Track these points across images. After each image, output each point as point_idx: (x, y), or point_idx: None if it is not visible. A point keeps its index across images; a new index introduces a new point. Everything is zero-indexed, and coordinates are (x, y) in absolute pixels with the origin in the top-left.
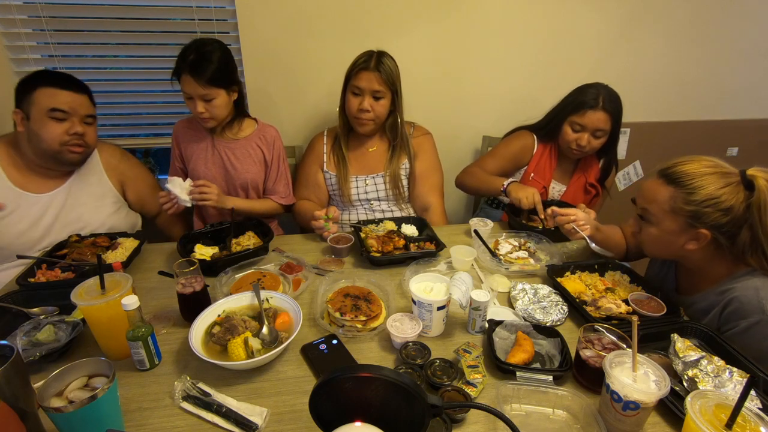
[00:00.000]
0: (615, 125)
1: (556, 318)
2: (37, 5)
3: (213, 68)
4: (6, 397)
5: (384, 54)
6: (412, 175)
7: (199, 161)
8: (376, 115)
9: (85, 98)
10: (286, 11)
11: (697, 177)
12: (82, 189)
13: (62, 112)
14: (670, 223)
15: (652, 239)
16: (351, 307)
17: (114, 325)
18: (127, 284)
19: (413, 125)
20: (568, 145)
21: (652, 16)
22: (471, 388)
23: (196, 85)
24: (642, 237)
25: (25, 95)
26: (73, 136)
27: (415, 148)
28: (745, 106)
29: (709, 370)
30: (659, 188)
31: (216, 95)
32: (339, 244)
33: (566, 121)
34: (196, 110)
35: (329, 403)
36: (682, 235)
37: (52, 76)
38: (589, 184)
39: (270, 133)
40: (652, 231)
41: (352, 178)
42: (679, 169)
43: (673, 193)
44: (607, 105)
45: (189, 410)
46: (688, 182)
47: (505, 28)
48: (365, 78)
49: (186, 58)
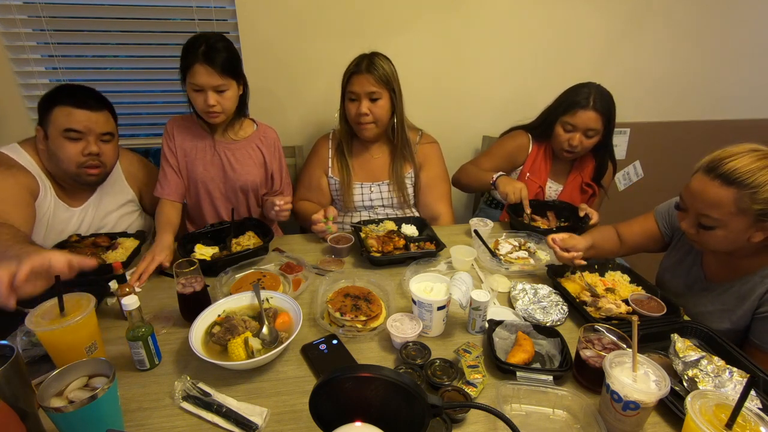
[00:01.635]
0: (607, 124)
1: (556, 318)
2: (37, 5)
3: (226, 57)
4: (6, 397)
5: (376, 54)
6: (417, 184)
7: (197, 162)
8: (377, 118)
9: (102, 116)
10: (286, 11)
11: (756, 172)
12: (108, 198)
13: (76, 132)
14: (737, 223)
15: (718, 240)
16: (351, 307)
17: (73, 353)
18: (89, 306)
19: (420, 133)
20: (560, 145)
21: (653, 17)
22: (471, 388)
23: (212, 74)
24: (704, 240)
25: (45, 113)
26: (89, 157)
27: (420, 158)
28: (745, 106)
29: (709, 370)
30: (718, 191)
31: (229, 86)
32: (339, 244)
33: (558, 122)
34: (208, 103)
35: (329, 403)
36: (749, 231)
37: (69, 93)
38: (585, 184)
39: (270, 135)
40: (719, 234)
41: (356, 185)
42: (731, 166)
43: (737, 194)
44: (598, 104)
45: (189, 410)
46: (749, 180)
47: (506, 28)
48: (358, 82)
49: (196, 49)
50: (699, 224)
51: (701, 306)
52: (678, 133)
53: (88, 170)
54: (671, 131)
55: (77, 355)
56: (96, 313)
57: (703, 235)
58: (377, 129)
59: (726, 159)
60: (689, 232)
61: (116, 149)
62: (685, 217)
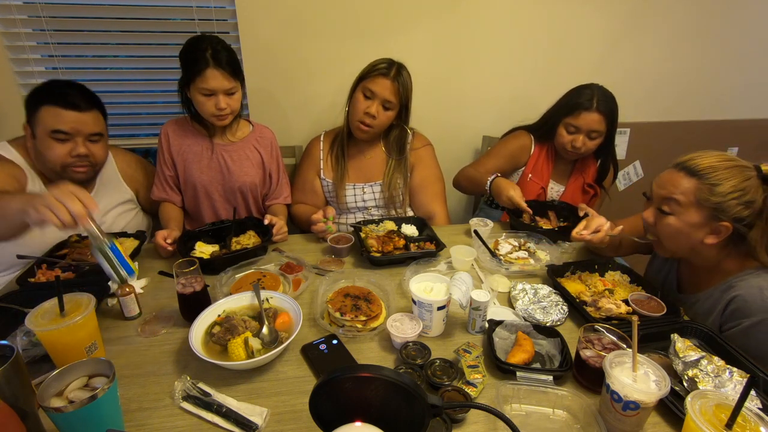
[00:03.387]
0: (610, 126)
1: (556, 318)
2: (37, 5)
3: (232, 59)
4: (6, 397)
5: (404, 67)
6: (408, 184)
7: (193, 166)
8: (379, 124)
9: (91, 116)
10: (286, 11)
11: (719, 169)
12: (105, 197)
13: (64, 133)
14: (693, 214)
15: (671, 232)
16: (351, 307)
17: (73, 353)
18: (89, 306)
19: (413, 132)
20: (563, 146)
21: (653, 17)
22: (471, 388)
23: (224, 77)
24: (659, 230)
25: (32, 111)
26: (77, 158)
27: (412, 160)
28: (745, 106)
29: (709, 370)
30: (681, 180)
31: (238, 88)
32: (339, 244)
33: (561, 123)
34: (219, 106)
35: (329, 403)
36: (702, 228)
37: (57, 92)
38: (587, 185)
39: (267, 135)
40: (672, 222)
41: (349, 186)
42: (698, 162)
43: (697, 184)
44: (601, 106)
45: (189, 410)
46: (711, 174)
47: (506, 28)
48: (381, 84)
49: (203, 53)
50: (659, 210)
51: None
52: (678, 133)
53: (75, 168)
54: (671, 131)
55: (77, 355)
56: (96, 313)
57: (659, 223)
58: (373, 134)
59: (696, 156)
60: (648, 222)
61: (105, 147)
62: (649, 206)
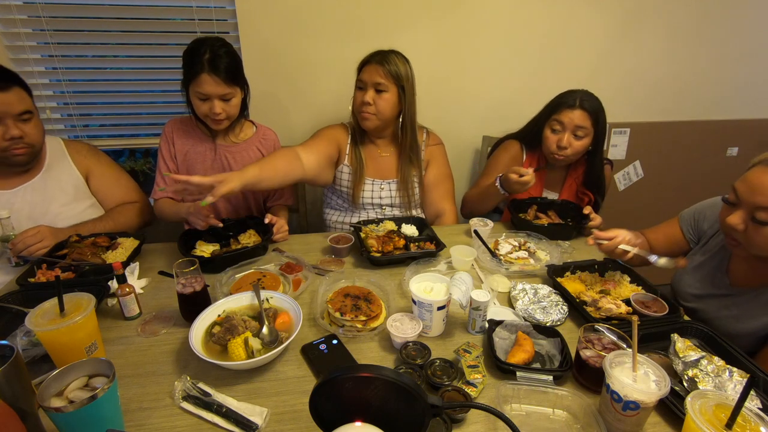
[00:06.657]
0: (596, 126)
1: (556, 318)
2: (37, 5)
3: (231, 64)
4: (6, 397)
5: (394, 52)
6: (423, 183)
7: (197, 165)
8: (378, 110)
9: (13, 94)
10: (287, 11)
11: None
12: (53, 184)
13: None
14: None
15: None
16: (351, 307)
17: (73, 353)
18: (89, 306)
19: (427, 132)
20: (550, 149)
21: (653, 17)
22: (471, 388)
23: (218, 84)
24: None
25: None
26: (11, 141)
27: (427, 157)
28: (745, 106)
29: (709, 370)
30: None
31: (234, 94)
32: (339, 244)
33: (546, 126)
34: (213, 111)
35: (329, 403)
36: None
37: None
38: (581, 191)
39: (270, 137)
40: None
41: (368, 181)
42: None
43: None
44: (585, 104)
45: (189, 410)
46: None
47: (506, 28)
48: (367, 71)
49: (200, 57)
50: (753, 219)
51: (724, 310)
52: (678, 133)
53: (13, 151)
54: (671, 131)
55: (77, 355)
56: (96, 313)
57: (753, 231)
58: (378, 121)
59: None
60: (736, 229)
61: (39, 126)
62: (734, 212)
